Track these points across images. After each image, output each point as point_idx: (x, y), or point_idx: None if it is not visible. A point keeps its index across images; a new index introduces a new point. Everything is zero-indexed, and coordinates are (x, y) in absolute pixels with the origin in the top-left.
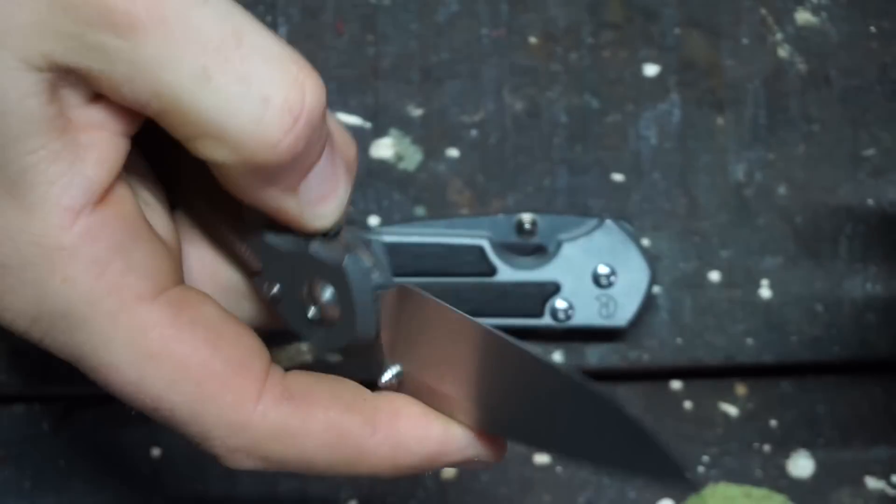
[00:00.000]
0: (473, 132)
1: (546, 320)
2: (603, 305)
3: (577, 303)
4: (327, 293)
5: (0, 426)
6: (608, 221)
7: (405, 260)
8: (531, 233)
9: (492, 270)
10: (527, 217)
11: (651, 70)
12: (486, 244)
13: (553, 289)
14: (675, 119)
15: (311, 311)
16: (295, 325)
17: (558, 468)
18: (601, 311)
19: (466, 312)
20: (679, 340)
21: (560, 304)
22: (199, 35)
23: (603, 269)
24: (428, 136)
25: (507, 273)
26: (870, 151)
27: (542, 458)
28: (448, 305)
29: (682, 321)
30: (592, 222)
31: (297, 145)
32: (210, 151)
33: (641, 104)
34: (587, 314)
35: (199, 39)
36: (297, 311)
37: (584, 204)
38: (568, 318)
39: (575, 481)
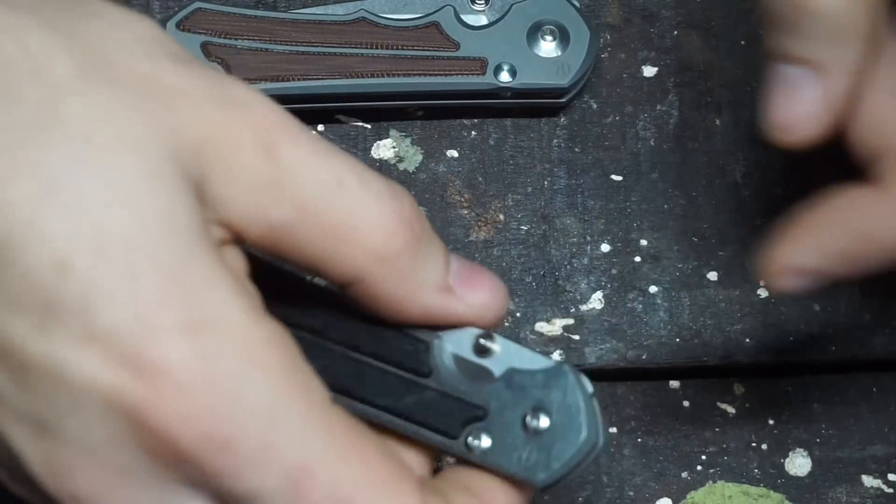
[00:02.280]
0: (473, 133)
1: (459, 446)
2: (528, 453)
3: (498, 440)
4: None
5: None
6: (564, 368)
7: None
8: (487, 353)
9: (428, 372)
10: (488, 341)
11: (649, 71)
12: (439, 345)
13: (479, 414)
14: (674, 120)
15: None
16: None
17: None
18: (521, 458)
19: (385, 405)
20: (677, 340)
21: (483, 440)
22: (326, 149)
23: (536, 420)
24: (428, 136)
25: (441, 380)
26: None
27: None
28: None
29: (681, 321)
30: (549, 364)
31: (413, 232)
32: (351, 258)
33: (640, 105)
34: (505, 456)
35: (326, 152)
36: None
37: (584, 205)
38: (483, 454)
39: (574, 480)
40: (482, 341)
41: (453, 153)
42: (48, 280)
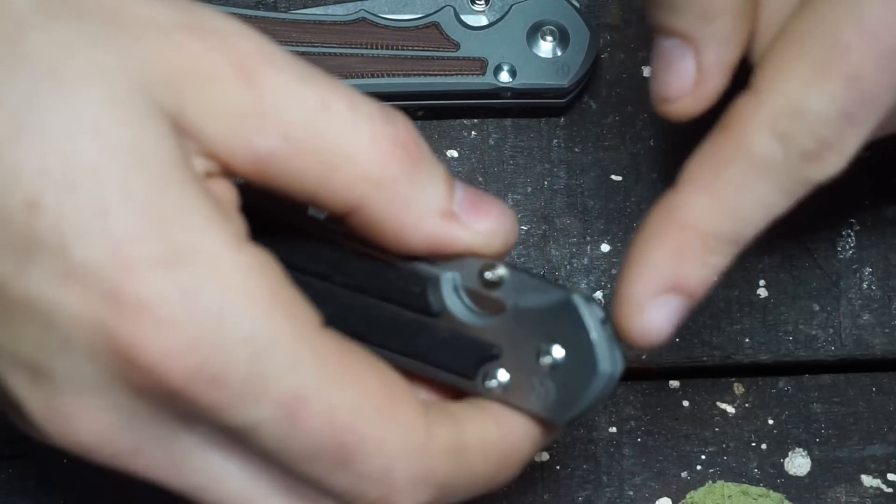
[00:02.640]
0: (473, 133)
1: (476, 385)
2: (546, 390)
3: (515, 378)
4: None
5: (4, 424)
6: (574, 300)
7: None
8: (495, 285)
9: (438, 311)
10: (495, 270)
11: (649, 71)
12: (447, 279)
13: (494, 353)
14: None
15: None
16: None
17: (558, 466)
18: (539, 396)
19: (398, 348)
20: (677, 340)
21: (499, 379)
22: (307, 74)
23: (550, 355)
24: (428, 136)
25: (451, 319)
26: (867, 152)
27: (541, 457)
28: None
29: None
30: (558, 296)
31: (407, 152)
32: (346, 187)
33: (640, 105)
34: (523, 394)
35: (309, 78)
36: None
37: (584, 205)
38: (500, 393)
39: (574, 480)
40: (488, 273)
41: (453, 153)
42: (22, 219)
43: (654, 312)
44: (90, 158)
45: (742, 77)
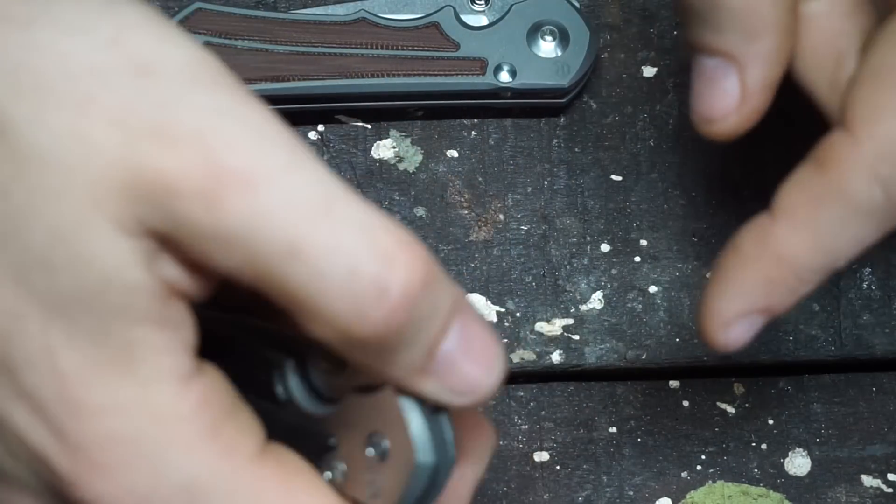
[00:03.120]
0: (473, 133)
1: (326, 477)
2: (377, 481)
3: (351, 469)
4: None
5: None
6: (389, 392)
7: None
8: (338, 374)
9: (285, 400)
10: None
11: (649, 71)
12: (290, 365)
13: (331, 444)
14: (674, 120)
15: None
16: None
17: (558, 466)
18: (372, 486)
19: (273, 435)
20: (677, 340)
21: (338, 471)
22: (292, 202)
23: (378, 446)
24: (428, 137)
25: (293, 409)
26: None
27: (541, 457)
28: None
29: (680, 321)
30: (383, 387)
31: (391, 319)
32: (310, 327)
33: (640, 105)
34: (358, 486)
35: (290, 207)
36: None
37: (584, 205)
38: (342, 486)
39: (574, 480)
40: (326, 364)
41: (453, 153)
42: None
43: (738, 329)
44: (38, 293)
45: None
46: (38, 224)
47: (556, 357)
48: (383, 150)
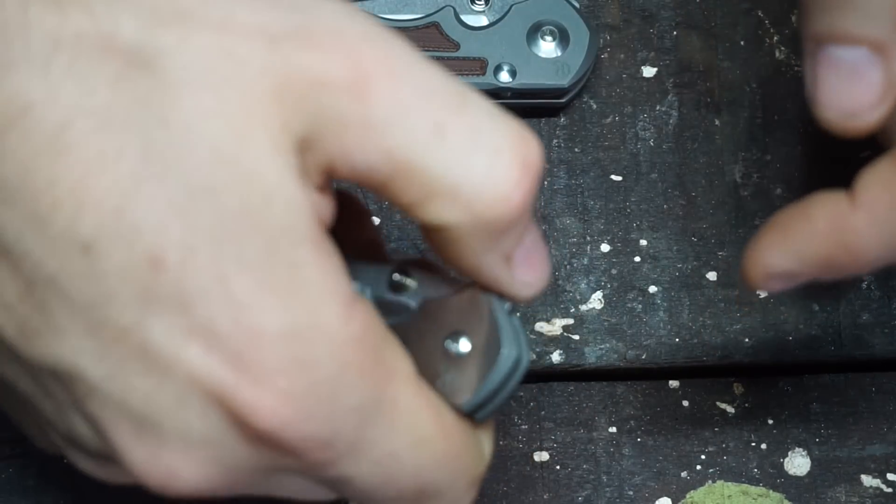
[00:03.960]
0: None
1: None
2: (450, 377)
3: (421, 369)
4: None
5: (4, 423)
6: (475, 290)
7: None
8: (403, 288)
9: None
10: (404, 278)
11: (649, 71)
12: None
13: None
14: (673, 120)
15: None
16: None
17: (557, 466)
18: (444, 383)
19: None
20: (677, 340)
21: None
22: (432, 91)
23: (456, 344)
24: None
25: None
26: (866, 153)
27: (541, 457)
28: None
29: (680, 321)
30: (461, 288)
31: (526, 199)
32: (441, 213)
33: (639, 105)
34: (427, 383)
35: (431, 95)
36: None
37: (584, 205)
38: None
39: (574, 480)
40: (397, 277)
41: None
42: (144, 273)
43: (778, 283)
44: (205, 221)
45: None
46: (198, 146)
47: (555, 357)
48: None
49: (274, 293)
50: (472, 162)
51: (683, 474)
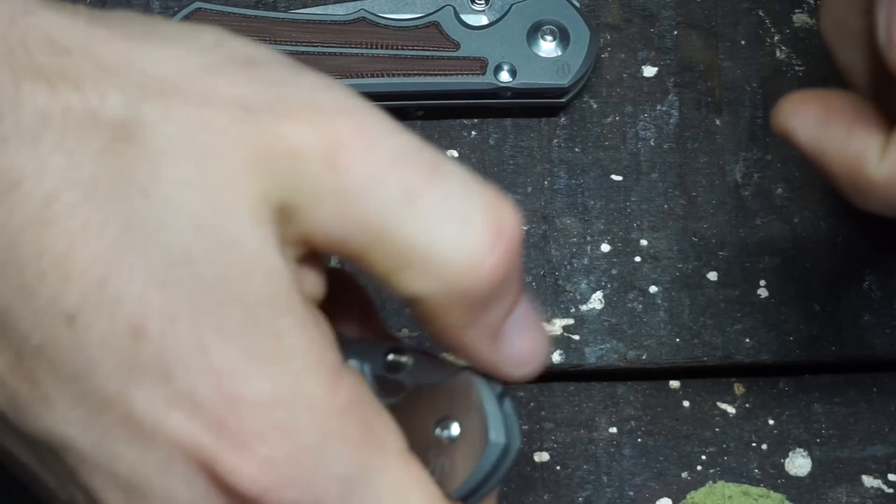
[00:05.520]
0: (473, 133)
1: None
2: (440, 464)
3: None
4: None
5: None
6: (467, 375)
7: None
8: (398, 369)
9: None
10: (399, 356)
11: (649, 71)
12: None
13: None
14: (674, 120)
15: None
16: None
17: (558, 467)
18: (435, 470)
19: None
20: (677, 340)
21: None
22: (404, 158)
23: (446, 430)
24: (428, 136)
25: None
26: None
27: (541, 457)
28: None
29: (681, 321)
30: (454, 372)
31: (501, 267)
32: (414, 283)
33: (640, 105)
34: None
35: (404, 163)
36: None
37: (584, 205)
38: None
39: (574, 480)
40: (392, 356)
41: (453, 153)
42: (125, 343)
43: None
44: (185, 291)
45: None
46: (178, 216)
47: (556, 357)
48: None
49: (255, 362)
50: (442, 229)
51: (684, 475)
